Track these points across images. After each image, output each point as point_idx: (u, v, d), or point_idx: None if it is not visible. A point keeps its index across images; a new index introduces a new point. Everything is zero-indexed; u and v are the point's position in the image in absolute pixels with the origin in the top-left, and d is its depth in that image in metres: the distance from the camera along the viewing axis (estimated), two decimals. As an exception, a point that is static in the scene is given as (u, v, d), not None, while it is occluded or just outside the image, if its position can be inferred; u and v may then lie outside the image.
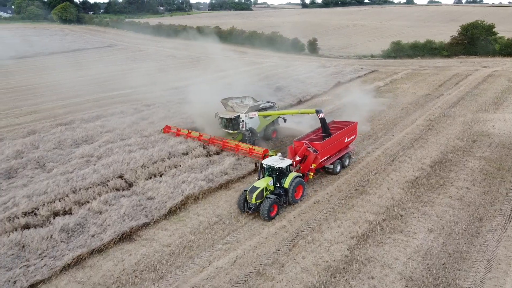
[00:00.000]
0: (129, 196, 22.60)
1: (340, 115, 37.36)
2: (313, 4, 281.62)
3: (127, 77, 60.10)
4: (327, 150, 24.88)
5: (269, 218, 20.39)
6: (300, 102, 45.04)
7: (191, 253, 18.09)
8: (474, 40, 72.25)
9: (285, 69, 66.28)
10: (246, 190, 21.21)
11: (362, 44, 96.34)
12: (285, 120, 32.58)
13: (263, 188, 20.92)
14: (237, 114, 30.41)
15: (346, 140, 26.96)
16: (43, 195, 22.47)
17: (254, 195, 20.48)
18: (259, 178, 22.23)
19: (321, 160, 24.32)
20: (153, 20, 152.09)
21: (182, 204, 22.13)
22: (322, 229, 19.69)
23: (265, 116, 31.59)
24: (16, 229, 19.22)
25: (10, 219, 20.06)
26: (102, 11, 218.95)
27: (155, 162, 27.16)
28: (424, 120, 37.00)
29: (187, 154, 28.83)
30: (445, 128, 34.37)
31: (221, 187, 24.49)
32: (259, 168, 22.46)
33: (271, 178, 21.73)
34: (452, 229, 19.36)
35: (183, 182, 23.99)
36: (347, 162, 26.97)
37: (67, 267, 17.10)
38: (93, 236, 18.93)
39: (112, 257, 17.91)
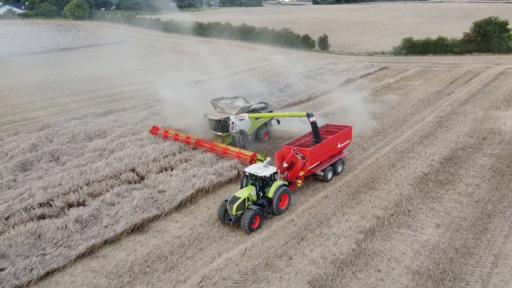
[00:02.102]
0: (141, 189, 23.07)
1: (349, 112, 37.30)
2: (324, 1, 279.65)
3: (138, 72, 60.76)
4: (317, 157, 23.44)
5: (250, 230, 19.11)
6: (310, 98, 45.08)
7: (201, 245, 18.50)
8: (487, 37, 71.27)
9: (295, 65, 66.20)
10: (227, 200, 19.79)
11: (373, 41, 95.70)
12: (278, 122, 31.45)
13: (245, 198, 19.65)
14: (227, 116, 29.09)
15: (339, 145, 25.42)
16: (58, 187, 23.08)
17: (235, 206, 19.19)
18: (241, 187, 20.91)
19: (310, 167, 22.90)
20: (164, 17, 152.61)
21: (192, 197, 22.57)
22: (330, 223, 19.95)
23: (256, 118, 30.09)
24: (32, 219, 19.81)
25: (26, 210, 20.68)
26: (113, 7, 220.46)
27: (166, 156, 27.64)
28: (435, 117, 36.88)
29: (197, 148, 29.22)
30: (455, 125, 34.26)
31: (230, 181, 24.84)
32: (241, 176, 21.05)
33: (254, 187, 20.45)
34: (460, 225, 19.47)
35: (194, 176, 24.39)
36: (339, 168, 25.43)
37: (81, 256, 17.64)
38: (106, 227, 19.45)
39: (124, 248, 18.41)
